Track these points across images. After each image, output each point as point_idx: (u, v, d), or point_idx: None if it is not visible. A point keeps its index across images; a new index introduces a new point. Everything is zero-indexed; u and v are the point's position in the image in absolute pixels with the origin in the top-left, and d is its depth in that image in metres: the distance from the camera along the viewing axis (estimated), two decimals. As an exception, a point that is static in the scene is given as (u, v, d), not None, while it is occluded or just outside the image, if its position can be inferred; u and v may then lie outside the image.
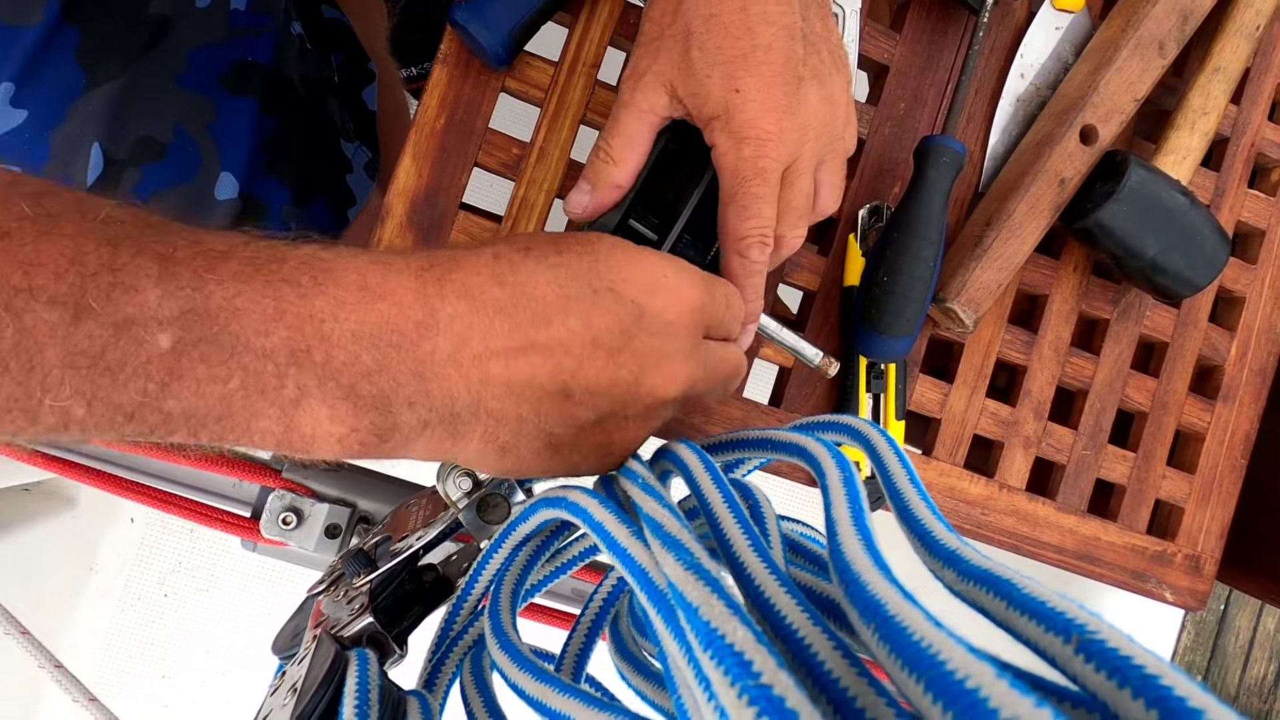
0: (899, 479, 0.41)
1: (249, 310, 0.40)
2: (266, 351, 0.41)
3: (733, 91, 0.56)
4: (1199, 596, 0.88)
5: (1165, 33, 0.76)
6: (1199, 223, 0.76)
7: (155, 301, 0.39)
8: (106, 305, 0.38)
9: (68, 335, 0.38)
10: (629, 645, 0.54)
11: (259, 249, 0.43)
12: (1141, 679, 0.22)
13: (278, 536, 0.80)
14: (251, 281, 0.41)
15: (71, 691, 0.89)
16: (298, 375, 0.42)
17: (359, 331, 0.42)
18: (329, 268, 0.43)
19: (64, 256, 0.38)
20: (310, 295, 0.42)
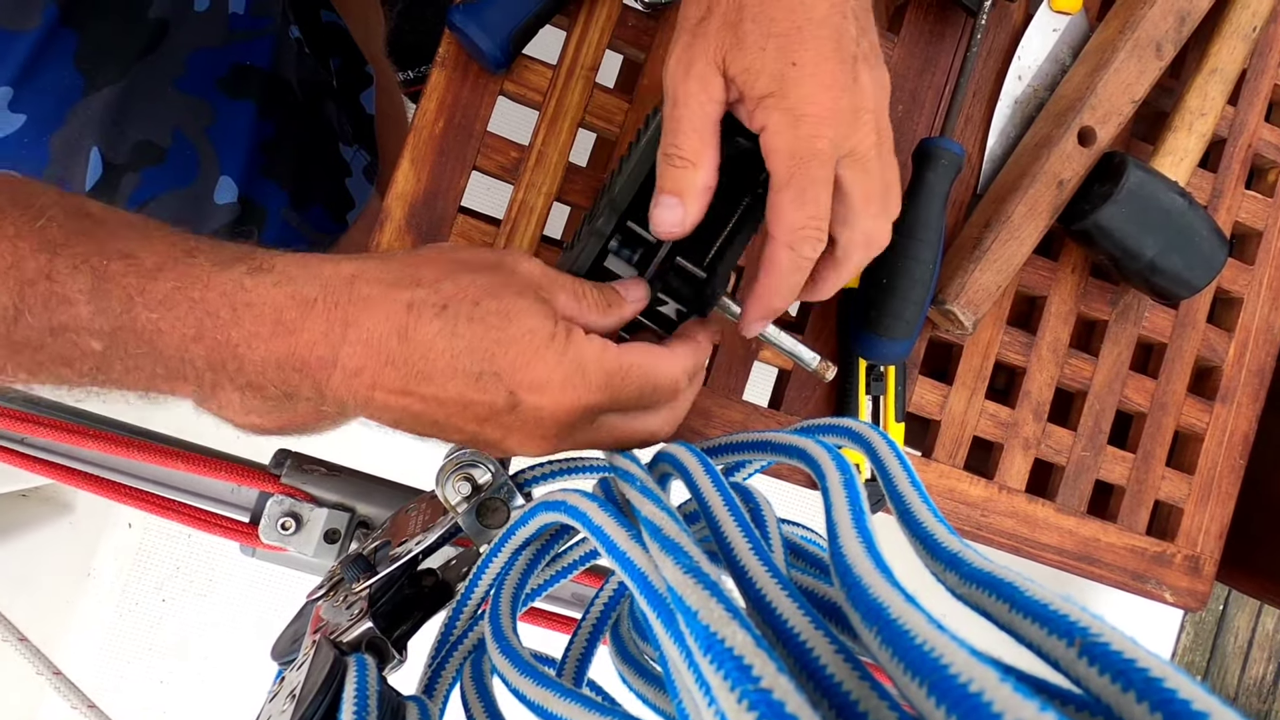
0: (900, 481, 0.41)
1: (171, 333, 0.46)
2: (187, 359, 0.47)
3: (789, 65, 0.52)
4: (1199, 597, 0.88)
5: (1162, 34, 0.76)
6: (1197, 224, 0.76)
7: (88, 316, 0.45)
8: (43, 312, 0.44)
9: (9, 331, 0.44)
10: (630, 649, 0.54)
11: (186, 272, 0.47)
12: (1145, 682, 0.22)
13: (276, 541, 0.80)
14: (175, 309, 0.46)
15: (70, 698, 0.89)
16: (214, 377, 0.48)
17: (267, 359, 0.48)
18: (249, 301, 0.48)
19: (4, 261, 0.43)
20: (228, 325, 0.47)
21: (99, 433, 0.79)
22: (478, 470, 0.63)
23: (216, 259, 0.49)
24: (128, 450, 0.79)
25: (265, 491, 0.81)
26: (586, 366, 0.53)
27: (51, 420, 0.80)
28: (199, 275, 0.47)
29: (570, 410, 0.52)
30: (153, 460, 0.80)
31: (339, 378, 0.49)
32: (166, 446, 0.80)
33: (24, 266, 0.44)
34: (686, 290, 0.63)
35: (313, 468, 0.82)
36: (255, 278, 0.48)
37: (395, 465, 1.04)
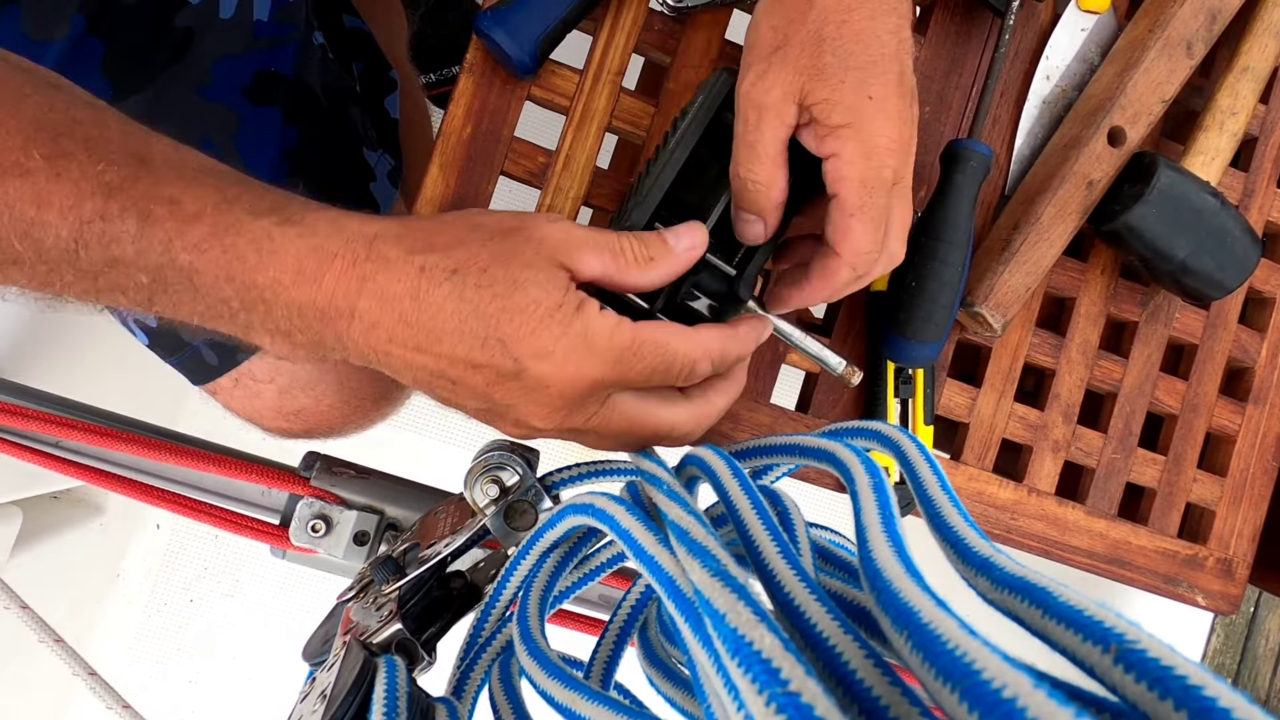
0: (930, 485, 0.40)
1: (206, 273, 0.51)
2: (222, 298, 0.52)
3: (865, 98, 0.56)
4: (1231, 600, 0.87)
5: (1193, 33, 0.76)
6: (1229, 224, 0.75)
7: (134, 254, 0.50)
8: (97, 248, 0.50)
9: (73, 261, 0.50)
10: (658, 652, 0.54)
11: (221, 219, 0.51)
12: (1184, 689, 0.22)
13: (307, 544, 0.80)
14: (209, 252, 0.50)
15: (105, 699, 0.89)
16: (246, 316, 0.53)
17: (291, 305, 0.52)
18: (275, 249, 0.51)
19: (68, 200, 0.49)
20: (255, 271, 0.51)
21: (132, 436, 0.80)
22: (506, 473, 0.63)
23: (252, 208, 0.52)
24: (160, 453, 0.79)
25: (295, 494, 0.81)
26: (593, 340, 0.54)
27: (87, 424, 0.80)
28: (232, 222, 0.51)
29: (574, 381, 0.54)
30: (185, 463, 0.80)
31: (358, 329, 0.52)
32: (198, 449, 0.81)
33: (83, 207, 0.49)
34: (715, 286, 0.63)
35: (342, 470, 0.83)
36: (283, 229, 0.52)
37: (424, 468, 1.04)
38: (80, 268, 0.50)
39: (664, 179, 0.61)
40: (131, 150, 0.52)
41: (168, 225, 0.50)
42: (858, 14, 0.56)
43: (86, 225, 0.49)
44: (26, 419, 0.81)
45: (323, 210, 0.54)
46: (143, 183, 0.51)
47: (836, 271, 0.60)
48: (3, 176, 0.48)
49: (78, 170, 0.50)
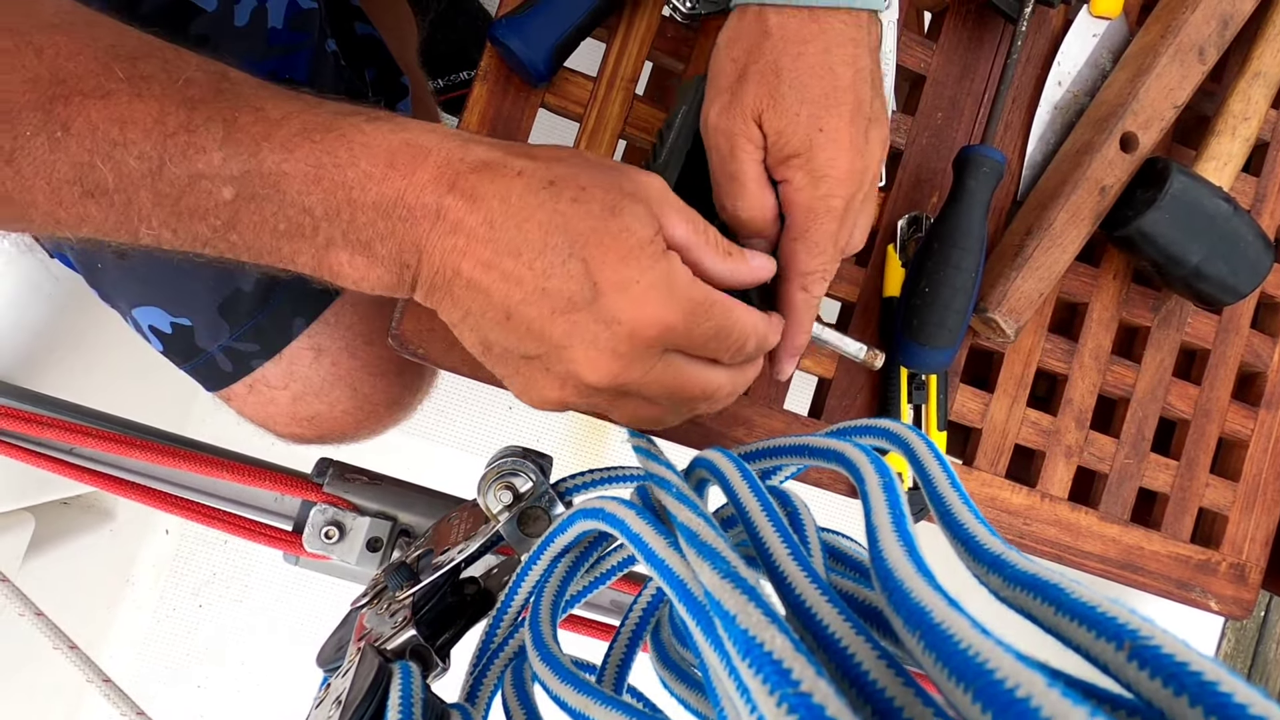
0: (940, 483, 0.40)
1: (293, 175, 0.50)
2: (306, 208, 0.51)
3: (816, 130, 0.58)
4: (1244, 605, 0.87)
5: (1205, 38, 0.76)
6: (1242, 229, 0.75)
7: (220, 162, 0.49)
8: (182, 162, 0.49)
9: (154, 183, 0.49)
10: (671, 654, 0.54)
11: (310, 118, 0.51)
12: (1199, 685, 0.22)
13: (320, 550, 0.80)
14: (298, 150, 0.50)
15: (120, 705, 0.89)
16: (328, 229, 0.51)
17: (380, 203, 0.50)
18: (366, 143, 0.51)
19: (151, 117, 0.49)
20: (345, 166, 0.50)
21: (145, 442, 0.80)
22: (519, 479, 0.63)
23: (338, 110, 0.52)
24: (173, 459, 0.80)
25: (308, 500, 0.81)
26: (676, 284, 0.53)
27: (101, 431, 0.81)
28: (321, 121, 0.51)
29: (648, 323, 0.52)
30: (198, 470, 0.80)
31: (439, 233, 0.51)
32: (211, 456, 0.81)
33: (167, 121, 0.49)
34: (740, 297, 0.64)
35: (355, 476, 0.83)
36: (374, 124, 0.52)
37: (436, 474, 1.04)
38: (161, 189, 0.50)
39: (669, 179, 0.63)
40: (211, 69, 0.52)
41: (254, 129, 0.50)
42: (812, 46, 0.58)
43: (170, 139, 0.49)
44: (39, 425, 0.81)
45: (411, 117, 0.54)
46: (226, 96, 0.51)
47: (791, 296, 0.62)
48: (85, 100, 0.48)
49: (159, 88, 0.49)
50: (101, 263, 0.82)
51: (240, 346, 0.85)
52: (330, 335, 0.87)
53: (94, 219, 0.51)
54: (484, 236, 0.51)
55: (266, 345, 0.85)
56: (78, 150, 0.48)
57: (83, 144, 0.48)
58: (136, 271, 0.82)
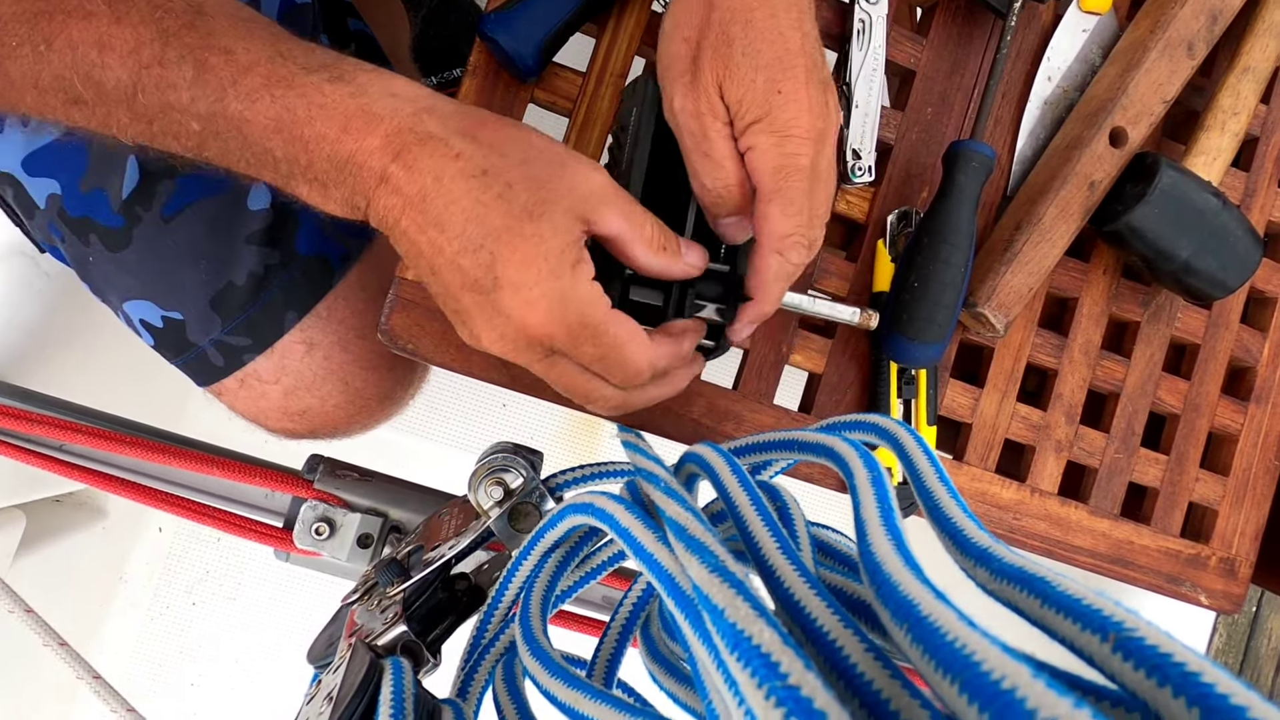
0: (928, 477, 0.40)
1: (255, 122, 0.53)
2: (267, 149, 0.54)
3: (775, 93, 0.57)
4: (1234, 599, 0.87)
5: (1194, 33, 0.76)
6: (1231, 224, 0.75)
7: (188, 100, 0.53)
8: (155, 92, 0.53)
9: (130, 104, 0.54)
10: (661, 649, 0.54)
11: (274, 70, 0.54)
12: (1182, 676, 0.22)
13: (311, 547, 0.80)
14: (260, 100, 0.53)
15: (110, 702, 0.89)
16: (288, 167, 0.55)
17: (333, 157, 0.54)
18: (324, 104, 0.53)
19: (128, 44, 0.52)
20: (302, 123, 0.53)
21: (135, 439, 0.80)
22: (510, 475, 0.63)
23: (304, 63, 0.55)
24: (164, 456, 0.80)
25: (299, 497, 0.81)
26: (568, 301, 0.55)
27: (90, 428, 0.81)
28: (284, 75, 0.54)
29: (530, 327, 0.55)
30: (188, 466, 0.80)
31: (384, 192, 0.54)
32: (202, 453, 0.81)
33: (142, 52, 0.52)
34: (715, 289, 0.64)
35: (345, 473, 0.83)
36: (334, 85, 0.54)
37: (427, 471, 1.04)
38: (136, 110, 0.54)
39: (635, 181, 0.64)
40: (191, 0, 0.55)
41: (222, 74, 0.53)
42: (759, 13, 0.58)
43: (145, 70, 0.52)
44: (30, 423, 0.81)
45: (375, 72, 0.56)
46: (198, 30, 0.53)
47: (763, 262, 0.61)
48: (67, 19, 0.52)
49: (137, 15, 0.52)
50: (93, 257, 0.82)
51: (232, 340, 0.85)
52: (322, 329, 0.87)
53: (78, 121, 0.56)
54: (417, 205, 0.54)
55: (258, 339, 0.85)
56: (59, 65, 0.53)
57: (64, 60, 0.52)
58: (128, 265, 0.82)
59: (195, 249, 0.81)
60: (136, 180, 0.79)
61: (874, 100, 0.75)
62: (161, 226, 0.81)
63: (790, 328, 0.77)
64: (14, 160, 0.79)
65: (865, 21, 0.75)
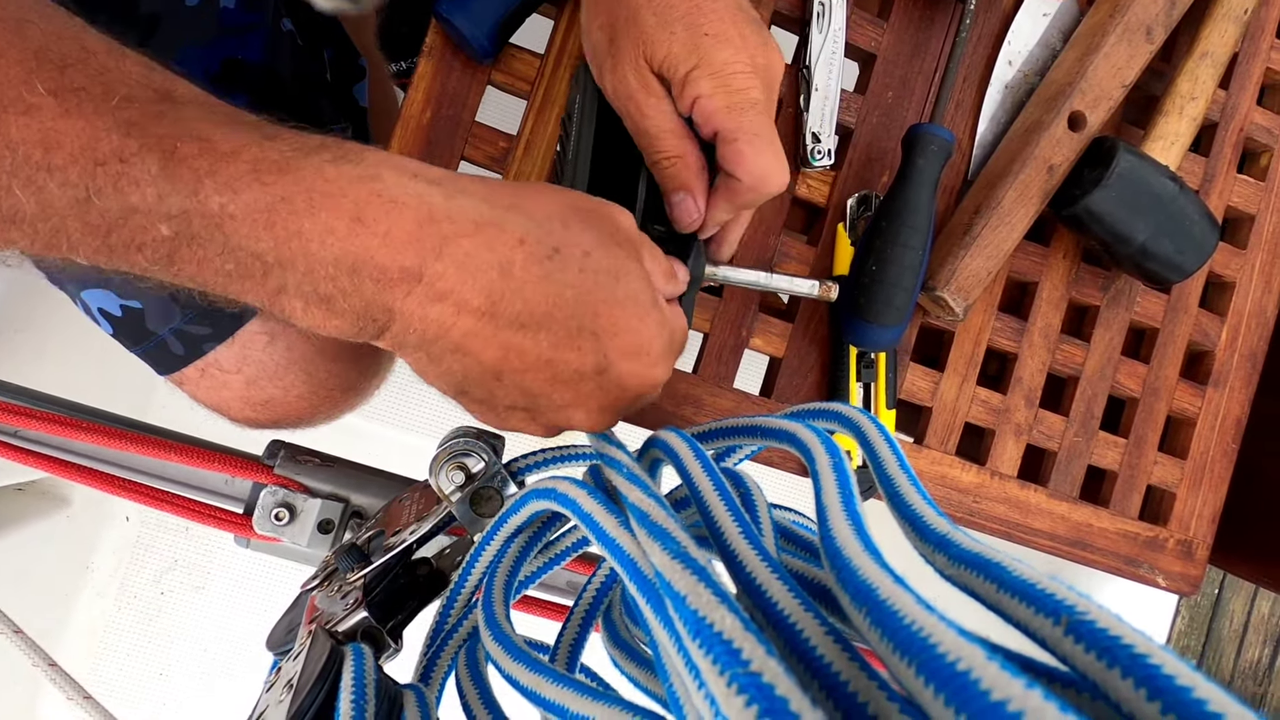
0: (889, 465, 0.41)
1: (242, 218, 0.43)
2: (256, 253, 0.44)
3: (702, 36, 0.55)
4: (1192, 581, 0.88)
5: (1153, 18, 0.76)
6: (1188, 208, 0.76)
7: (154, 197, 0.42)
8: (114, 194, 0.42)
9: (82, 213, 0.42)
10: (622, 633, 0.54)
11: (262, 153, 0.44)
12: (1130, 658, 0.22)
13: (270, 532, 0.80)
14: (247, 191, 0.43)
15: (66, 690, 0.89)
16: (280, 275, 0.44)
17: (342, 259, 0.44)
18: (329, 191, 0.44)
19: (80, 140, 0.41)
20: (302, 215, 0.43)
21: (93, 425, 0.79)
22: (471, 459, 0.63)
23: (298, 145, 0.45)
24: (122, 443, 0.79)
25: (259, 483, 0.81)
26: (675, 339, 0.54)
27: (45, 413, 0.80)
28: (276, 159, 0.44)
29: (653, 384, 0.53)
30: (147, 453, 0.80)
31: (418, 299, 0.46)
32: (160, 439, 0.80)
33: (98, 147, 0.42)
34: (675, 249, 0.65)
35: (306, 458, 0.82)
36: (338, 167, 0.45)
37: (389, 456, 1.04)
38: (90, 221, 0.43)
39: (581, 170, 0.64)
40: (154, 85, 0.45)
41: (197, 163, 0.43)
42: None
43: (100, 168, 0.42)
44: (-14, 409, 0.80)
45: (383, 153, 0.47)
46: (167, 120, 0.43)
47: (738, 191, 0.60)
48: (3, 115, 0.40)
49: (91, 106, 0.42)
50: None
51: (192, 329, 0.84)
52: None
53: (18, 242, 0.44)
54: (481, 309, 0.47)
55: (219, 328, 0.85)
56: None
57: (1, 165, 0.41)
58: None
59: None
60: None
61: (834, 84, 0.75)
62: None
63: (750, 311, 0.77)
64: None
65: (825, 4, 0.75)
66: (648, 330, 0.51)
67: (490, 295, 0.46)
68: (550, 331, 0.48)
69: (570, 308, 0.48)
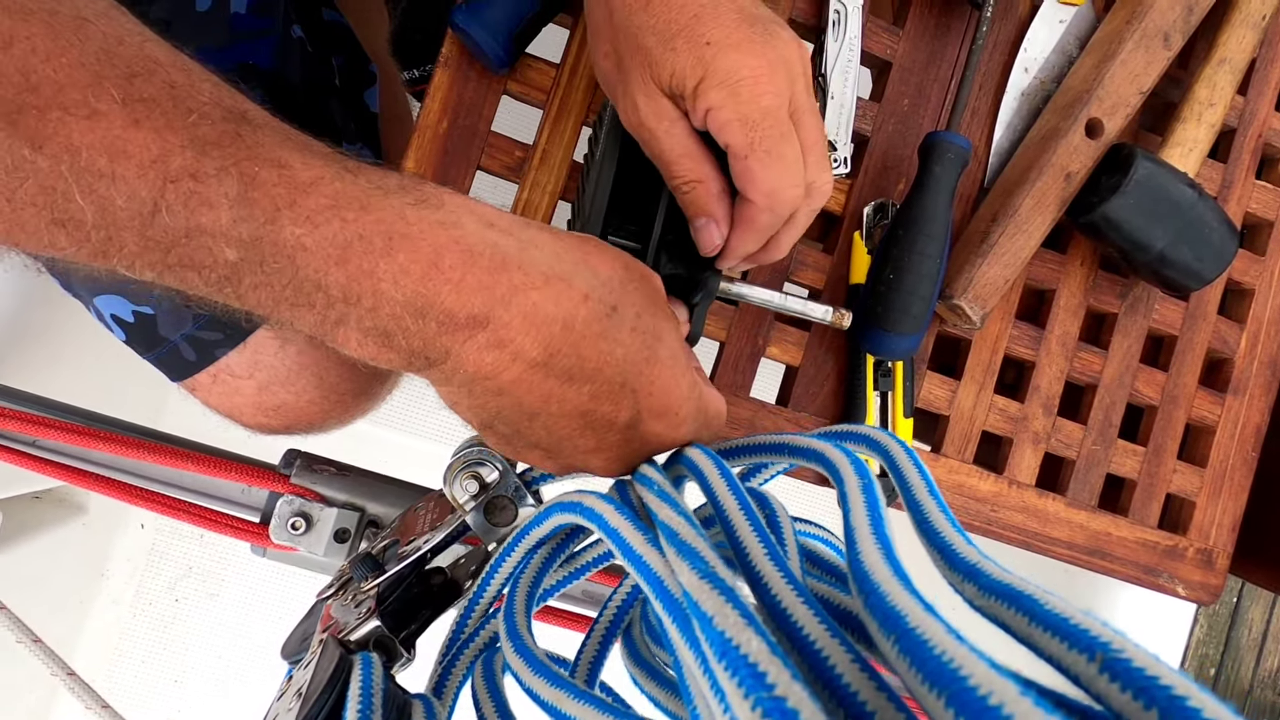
0: (918, 490, 0.40)
1: (315, 251, 0.42)
2: (321, 285, 0.43)
3: (704, 46, 0.54)
4: (1212, 590, 0.87)
5: (1170, 24, 0.76)
6: (1207, 215, 0.76)
7: (228, 221, 0.41)
8: (182, 212, 0.40)
9: (144, 226, 0.40)
10: (643, 653, 0.54)
11: (344, 186, 0.44)
12: (1169, 700, 0.22)
13: (287, 541, 0.80)
14: (325, 226, 0.42)
15: (84, 699, 0.89)
16: (343, 308, 0.44)
17: (411, 301, 0.44)
18: (407, 234, 0.44)
19: (149, 152, 0.39)
20: (378, 255, 0.43)
21: (112, 435, 0.79)
22: (485, 469, 0.63)
23: (379, 183, 0.45)
24: (139, 452, 0.79)
25: (275, 492, 0.81)
26: (706, 410, 0.55)
27: (64, 423, 0.80)
28: (357, 195, 0.44)
29: (673, 443, 0.54)
30: (164, 462, 0.80)
31: (478, 344, 0.46)
32: (177, 448, 0.80)
33: (169, 162, 0.40)
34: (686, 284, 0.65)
35: (322, 468, 0.82)
36: (419, 210, 0.45)
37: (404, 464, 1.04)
38: (150, 236, 0.41)
39: (599, 199, 0.63)
40: (226, 105, 0.43)
41: (276, 191, 0.42)
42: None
43: (172, 185, 0.40)
44: (3, 419, 0.80)
45: (462, 198, 0.48)
46: (244, 143, 0.42)
47: (753, 218, 0.58)
48: (64, 116, 0.38)
49: (163, 120, 0.40)
50: None
51: (204, 335, 0.84)
52: None
53: (64, 249, 0.42)
54: (536, 360, 0.47)
55: (230, 334, 0.85)
56: (50, 174, 0.39)
57: (58, 168, 0.39)
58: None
59: None
60: None
61: (850, 92, 0.75)
62: None
63: (767, 320, 0.77)
64: None
65: (841, 12, 0.75)
66: (680, 392, 0.52)
67: (549, 348, 0.47)
68: (594, 385, 0.49)
69: (618, 365, 0.49)
